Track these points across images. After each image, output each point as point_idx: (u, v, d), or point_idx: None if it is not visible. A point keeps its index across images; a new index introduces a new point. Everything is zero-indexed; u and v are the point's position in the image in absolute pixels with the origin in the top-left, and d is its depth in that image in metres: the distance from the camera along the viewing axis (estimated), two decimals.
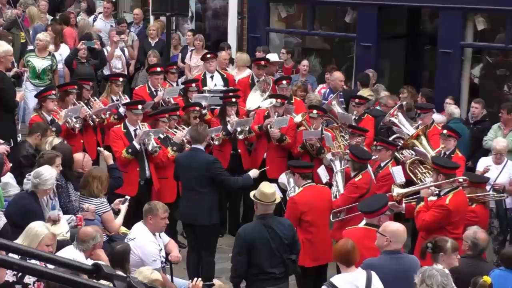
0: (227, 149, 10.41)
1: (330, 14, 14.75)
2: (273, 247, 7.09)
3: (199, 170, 8.52)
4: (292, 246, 7.28)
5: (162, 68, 11.42)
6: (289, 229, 7.28)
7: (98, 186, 7.90)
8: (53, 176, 7.28)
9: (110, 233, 7.84)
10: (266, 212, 7.20)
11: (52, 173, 7.30)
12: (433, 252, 6.63)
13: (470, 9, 11.68)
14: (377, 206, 7.29)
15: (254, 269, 7.13)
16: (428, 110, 10.37)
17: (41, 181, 7.19)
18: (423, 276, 5.66)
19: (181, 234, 10.06)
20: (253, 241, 7.07)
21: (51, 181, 7.25)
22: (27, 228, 6.27)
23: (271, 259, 7.13)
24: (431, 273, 5.65)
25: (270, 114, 10.38)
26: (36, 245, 6.05)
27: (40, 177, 7.20)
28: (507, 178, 9.39)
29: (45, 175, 7.21)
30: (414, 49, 13.94)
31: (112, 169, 8.59)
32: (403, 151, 9.82)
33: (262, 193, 7.17)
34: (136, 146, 9.36)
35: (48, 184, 7.21)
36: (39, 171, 7.29)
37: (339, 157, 9.35)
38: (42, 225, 6.36)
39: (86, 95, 10.42)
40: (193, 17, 15.92)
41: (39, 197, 7.24)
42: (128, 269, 6.43)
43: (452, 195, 7.90)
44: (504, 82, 12.83)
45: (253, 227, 7.25)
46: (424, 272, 5.71)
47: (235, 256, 7.20)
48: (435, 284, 5.58)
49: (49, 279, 2.80)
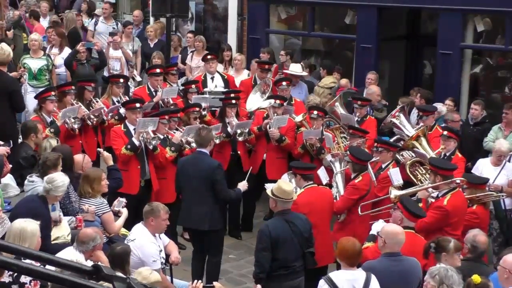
0: (226, 150, 10.43)
1: (330, 15, 14.75)
2: (295, 242, 7.23)
3: (204, 174, 8.49)
4: (310, 240, 7.41)
5: (162, 69, 11.44)
6: (307, 223, 7.42)
7: (85, 186, 7.85)
8: (66, 183, 7.25)
9: (109, 235, 7.83)
10: (285, 208, 7.31)
11: (65, 180, 7.26)
12: (436, 252, 6.64)
13: (470, 11, 11.68)
14: (423, 213, 7.32)
15: (276, 264, 7.20)
16: (430, 112, 10.38)
17: (54, 187, 7.16)
18: (440, 277, 5.68)
19: (181, 236, 10.07)
20: (277, 236, 7.16)
21: (63, 188, 7.22)
22: (19, 232, 6.02)
23: (293, 253, 7.27)
24: (448, 273, 5.70)
25: (269, 114, 10.39)
26: (35, 243, 6.03)
27: (53, 183, 7.17)
28: (505, 180, 9.37)
29: (58, 182, 7.19)
30: (414, 51, 13.94)
31: (112, 170, 8.59)
32: (403, 153, 9.82)
33: (282, 190, 7.26)
34: (135, 143, 9.36)
35: (60, 191, 7.19)
36: (52, 177, 7.24)
37: (339, 158, 9.36)
38: (28, 222, 6.14)
39: (88, 96, 10.40)
40: (193, 19, 15.93)
41: (48, 203, 7.21)
42: (128, 271, 6.42)
43: (450, 196, 7.91)
44: (504, 83, 12.82)
45: (276, 223, 7.32)
46: (439, 273, 5.72)
47: (260, 252, 7.22)
48: (455, 285, 5.65)
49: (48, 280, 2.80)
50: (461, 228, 7.81)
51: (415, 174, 9.44)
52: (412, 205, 7.28)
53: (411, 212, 7.16)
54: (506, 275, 5.98)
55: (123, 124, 9.71)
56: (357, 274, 6.25)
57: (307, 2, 13.68)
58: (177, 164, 9.26)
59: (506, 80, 12.79)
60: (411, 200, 7.65)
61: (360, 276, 6.23)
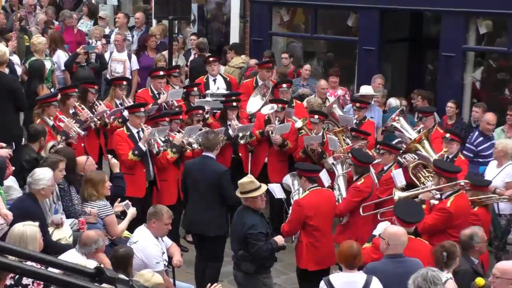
0: (228, 153, 10.41)
1: (332, 17, 14.75)
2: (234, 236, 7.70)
3: (211, 179, 8.47)
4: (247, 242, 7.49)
5: (165, 71, 11.44)
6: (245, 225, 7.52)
7: (90, 189, 7.82)
8: (46, 176, 7.17)
9: (112, 237, 7.81)
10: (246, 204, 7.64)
11: (46, 173, 7.20)
12: (449, 259, 6.67)
13: (472, 13, 11.68)
14: (417, 218, 7.26)
15: None
16: (430, 113, 10.38)
17: (33, 180, 7.14)
18: None
19: (183, 238, 10.07)
20: None
21: (44, 181, 7.13)
22: (17, 236, 6.01)
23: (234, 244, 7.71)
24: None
25: (271, 119, 10.37)
26: (38, 246, 6.03)
27: (33, 176, 7.16)
28: (501, 182, 9.32)
29: (37, 175, 7.17)
30: (417, 53, 13.95)
31: (116, 178, 8.51)
32: (406, 155, 9.83)
33: (241, 185, 7.58)
34: (142, 148, 9.38)
35: (40, 184, 7.11)
36: (34, 171, 7.27)
37: (341, 160, 9.36)
38: (27, 226, 6.12)
39: (91, 98, 10.39)
40: (195, 21, 15.94)
41: (38, 200, 7.18)
42: (131, 273, 6.40)
43: (454, 198, 7.91)
44: (506, 85, 12.82)
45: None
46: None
47: None
48: None
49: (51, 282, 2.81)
50: None
51: (417, 176, 9.44)
52: (403, 212, 7.19)
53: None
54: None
55: (126, 127, 9.70)
56: (357, 277, 6.28)
57: (310, 4, 13.68)
58: (179, 167, 9.27)
59: (508, 82, 12.78)
60: (404, 205, 7.52)
61: (360, 278, 6.25)
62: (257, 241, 7.39)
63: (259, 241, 7.40)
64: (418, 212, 7.43)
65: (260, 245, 7.39)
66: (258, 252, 7.42)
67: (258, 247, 7.38)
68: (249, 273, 7.55)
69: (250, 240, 7.39)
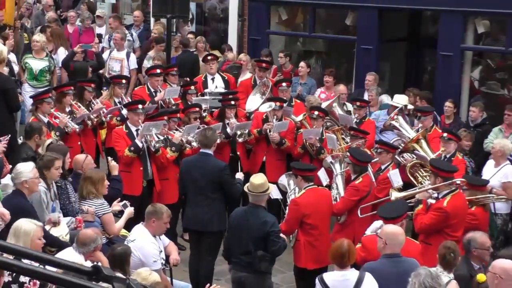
0: (226, 151, 10.41)
1: (330, 16, 14.75)
2: (244, 235, 7.46)
3: (210, 175, 8.48)
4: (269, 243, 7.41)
5: (162, 70, 11.43)
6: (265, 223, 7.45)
7: (89, 187, 7.81)
8: (27, 169, 7.15)
9: (109, 236, 7.80)
10: (255, 202, 7.55)
11: (26, 166, 7.19)
12: (455, 259, 6.66)
13: (470, 12, 11.68)
14: (398, 213, 7.25)
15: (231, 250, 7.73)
16: (428, 113, 10.38)
17: (15, 175, 7.14)
18: None
19: (181, 236, 10.06)
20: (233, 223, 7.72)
21: (24, 174, 7.11)
22: (13, 230, 6.11)
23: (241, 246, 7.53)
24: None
25: (269, 117, 10.38)
26: (29, 242, 6.02)
27: (14, 172, 7.17)
28: (498, 182, 9.31)
29: (18, 168, 7.17)
30: (415, 52, 13.95)
31: (113, 180, 8.49)
32: (404, 155, 9.83)
33: (253, 185, 7.46)
34: (138, 144, 9.37)
35: (21, 178, 7.10)
36: (16, 166, 7.26)
37: (339, 159, 9.36)
38: (26, 221, 6.19)
39: (88, 96, 10.36)
40: (193, 19, 15.92)
41: (26, 195, 7.13)
42: (128, 271, 6.40)
43: (450, 197, 7.90)
44: (504, 85, 12.82)
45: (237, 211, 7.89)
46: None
47: None
48: None
49: (48, 281, 2.80)
50: (462, 230, 7.80)
51: (415, 176, 9.44)
52: (384, 210, 7.36)
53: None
54: (497, 280, 5.73)
55: (125, 125, 9.70)
56: (349, 275, 6.31)
57: (308, 3, 13.68)
58: (179, 165, 9.25)
59: (506, 81, 12.79)
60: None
61: (352, 276, 6.28)
62: (279, 238, 7.43)
63: (280, 238, 7.45)
64: (400, 208, 7.42)
65: (281, 242, 7.44)
66: (279, 249, 7.47)
67: (279, 244, 7.41)
68: (266, 272, 7.57)
69: (273, 238, 7.38)
